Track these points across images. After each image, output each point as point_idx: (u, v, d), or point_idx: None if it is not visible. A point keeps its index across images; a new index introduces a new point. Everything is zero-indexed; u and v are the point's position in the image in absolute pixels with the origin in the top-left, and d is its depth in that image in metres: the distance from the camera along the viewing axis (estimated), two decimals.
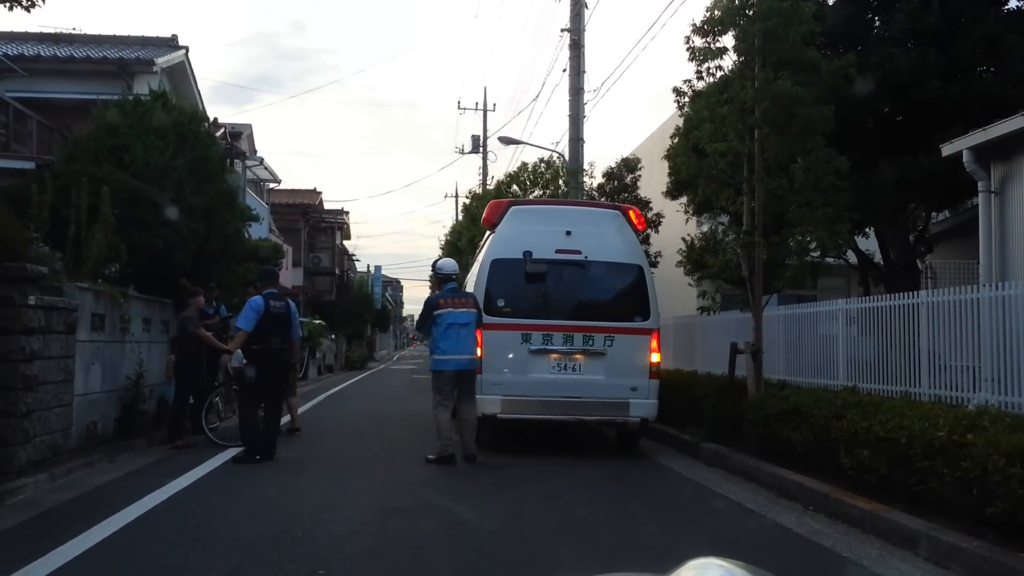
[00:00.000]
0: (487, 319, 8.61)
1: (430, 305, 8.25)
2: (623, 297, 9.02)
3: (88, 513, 5.54)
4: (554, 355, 8.59)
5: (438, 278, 8.56)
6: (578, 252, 8.78)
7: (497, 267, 8.80)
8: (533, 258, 8.65)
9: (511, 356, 8.53)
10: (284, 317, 8.28)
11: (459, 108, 38.40)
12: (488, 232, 9.58)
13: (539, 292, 8.84)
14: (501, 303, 8.72)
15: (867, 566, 4.61)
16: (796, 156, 8.21)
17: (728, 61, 8.47)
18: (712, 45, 8.36)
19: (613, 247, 8.90)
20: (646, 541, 5.24)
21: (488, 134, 36.60)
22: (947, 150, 9.52)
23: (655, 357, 8.71)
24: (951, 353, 7.64)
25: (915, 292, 8.35)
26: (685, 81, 9.18)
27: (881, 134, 11.05)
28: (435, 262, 8.84)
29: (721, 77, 8.37)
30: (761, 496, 6.56)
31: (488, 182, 32.92)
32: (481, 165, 36.33)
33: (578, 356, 8.53)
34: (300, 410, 10.68)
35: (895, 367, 8.25)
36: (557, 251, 8.73)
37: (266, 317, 8.02)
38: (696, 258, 11.77)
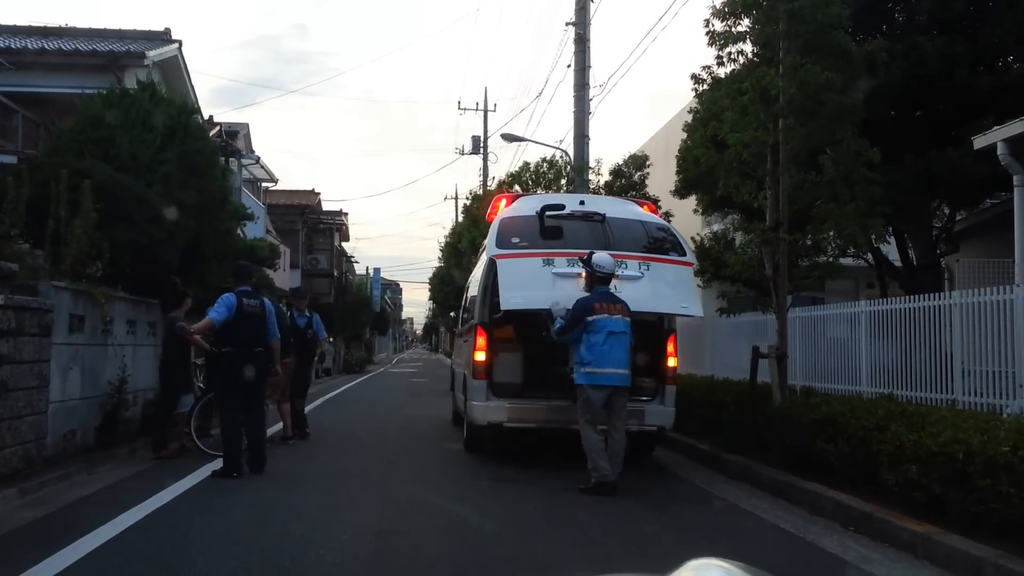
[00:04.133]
0: (503, 247, 7.86)
1: (583, 309, 6.93)
2: (652, 241, 8.23)
3: (53, 535, 4.99)
4: None
5: (595, 276, 7.08)
6: (596, 212, 8.26)
7: (507, 224, 8.15)
8: (550, 213, 8.00)
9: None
10: (259, 317, 7.59)
11: (459, 108, 38.02)
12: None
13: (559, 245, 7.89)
14: (516, 240, 7.94)
15: None
16: (824, 147, 7.67)
17: (751, 45, 7.94)
18: (733, 28, 7.83)
19: (633, 211, 8.54)
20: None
21: (489, 134, 36.15)
22: (979, 142, 8.99)
23: (672, 362, 8.16)
24: (977, 357, 7.16)
25: (948, 293, 7.86)
26: (704, 67, 8.66)
27: (905, 126, 10.53)
28: (589, 255, 7.19)
29: (744, 63, 7.83)
30: (794, 514, 6.01)
31: (489, 183, 32.47)
32: (482, 166, 35.88)
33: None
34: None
35: (923, 372, 7.76)
36: (574, 211, 8.26)
37: (239, 316, 7.35)
38: (716, 256, 11.21)
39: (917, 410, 5.96)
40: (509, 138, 21.03)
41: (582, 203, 8.51)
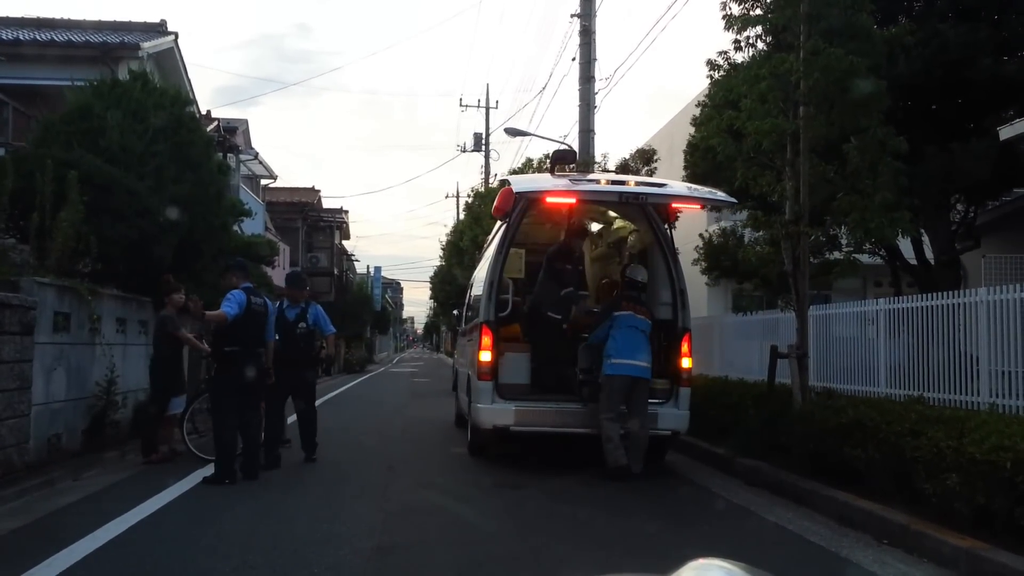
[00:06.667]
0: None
1: (611, 306, 7.63)
2: None
3: (27, 549, 4.63)
4: None
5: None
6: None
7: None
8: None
9: None
10: (263, 316, 7.28)
11: (461, 105, 37.68)
12: (499, 223, 8.68)
13: None
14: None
15: None
16: (846, 136, 7.28)
17: (768, 30, 7.55)
18: (751, 11, 7.44)
19: None
20: None
21: (491, 131, 35.81)
22: (1006, 133, 8.65)
23: (686, 362, 7.78)
24: (1005, 357, 6.81)
25: (974, 290, 7.51)
26: (720, 53, 8.26)
27: (922, 117, 10.13)
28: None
29: (763, 48, 7.44)
30: (820, 524, 5.62)
31: (491, 180, 32.15)
32: (483, 163, 35.53)
33: None
34: (290, 419, 9.75)
35: (946, 373, 7.43)
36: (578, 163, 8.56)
37: (247, 315, 6.96)
38: (732, 251, 10.83)
39: (954, 414, 5.59)
40: (513, 132, 20.65)
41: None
